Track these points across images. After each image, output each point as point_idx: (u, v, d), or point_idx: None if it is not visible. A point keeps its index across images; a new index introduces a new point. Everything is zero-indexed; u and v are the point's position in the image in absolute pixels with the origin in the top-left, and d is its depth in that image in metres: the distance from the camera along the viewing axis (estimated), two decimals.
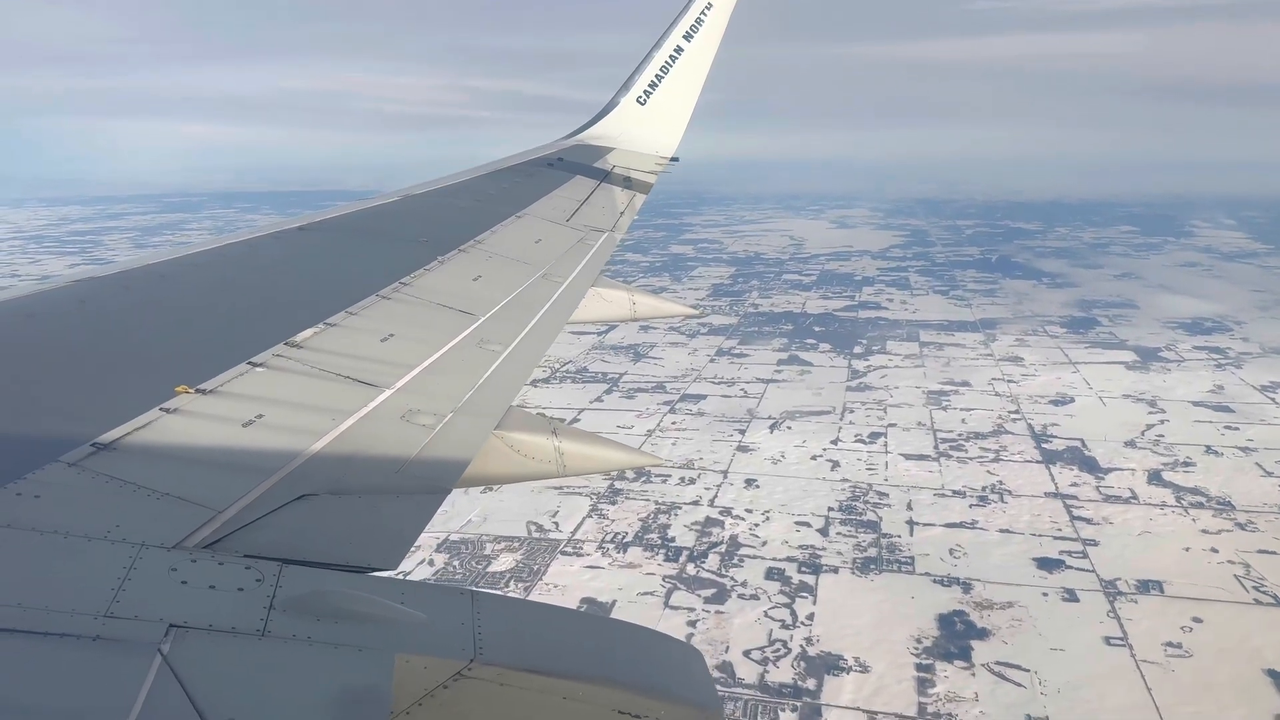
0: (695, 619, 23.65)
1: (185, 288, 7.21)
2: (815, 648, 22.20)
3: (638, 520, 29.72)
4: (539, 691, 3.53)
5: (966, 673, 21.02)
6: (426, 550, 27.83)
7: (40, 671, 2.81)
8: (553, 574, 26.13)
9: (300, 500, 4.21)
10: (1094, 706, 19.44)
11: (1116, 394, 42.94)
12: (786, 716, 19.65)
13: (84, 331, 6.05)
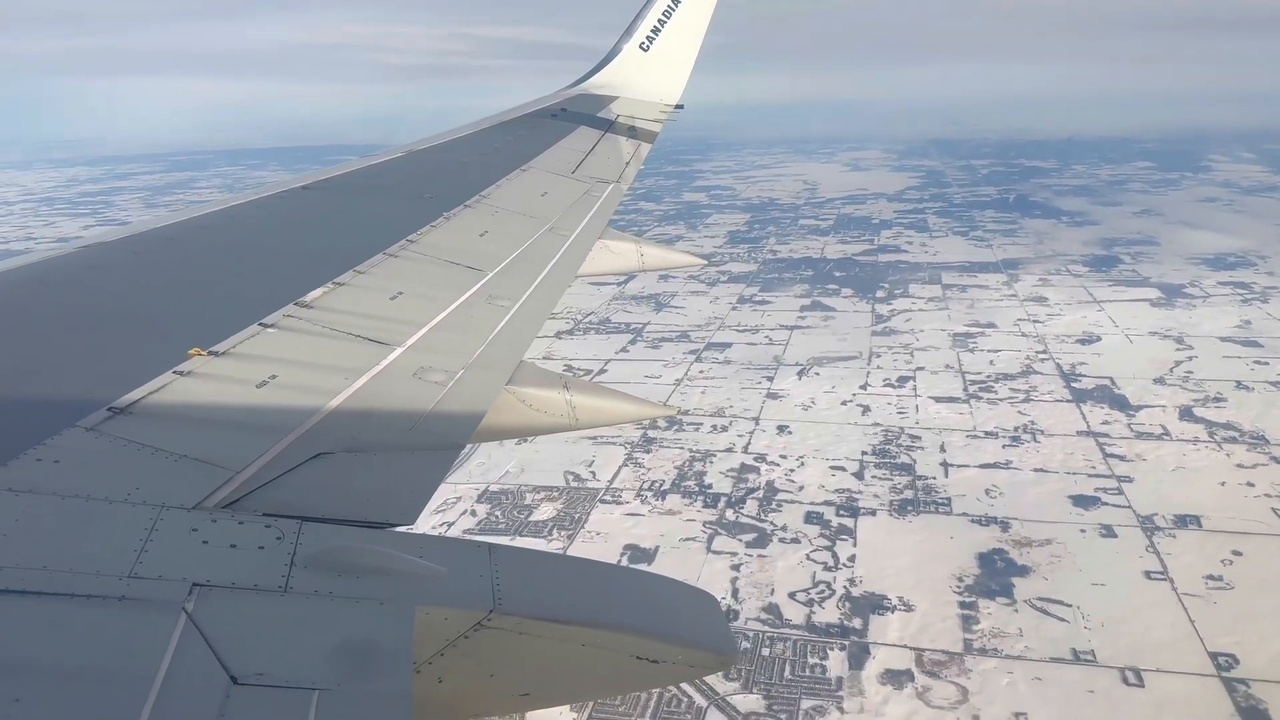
0: (738, 563, 24.01)
1: (193, 250, 7.24)
2: (859, 588, 22.55)
3: (673, 468, 30.02)
4: (558, 639, 3.63)
5: (1009, 609, 21.35)
6: (468, 501, 28.22)
7: (68, 632, 2.94)
8: (594, 522, 26.48)
9: (317, 459, 4.27)
10: (1137, 639, 19.76)
11: (1143, 331, 42.86)
12: (835, 655, 20.02)
13: (95, 296, 6.10)
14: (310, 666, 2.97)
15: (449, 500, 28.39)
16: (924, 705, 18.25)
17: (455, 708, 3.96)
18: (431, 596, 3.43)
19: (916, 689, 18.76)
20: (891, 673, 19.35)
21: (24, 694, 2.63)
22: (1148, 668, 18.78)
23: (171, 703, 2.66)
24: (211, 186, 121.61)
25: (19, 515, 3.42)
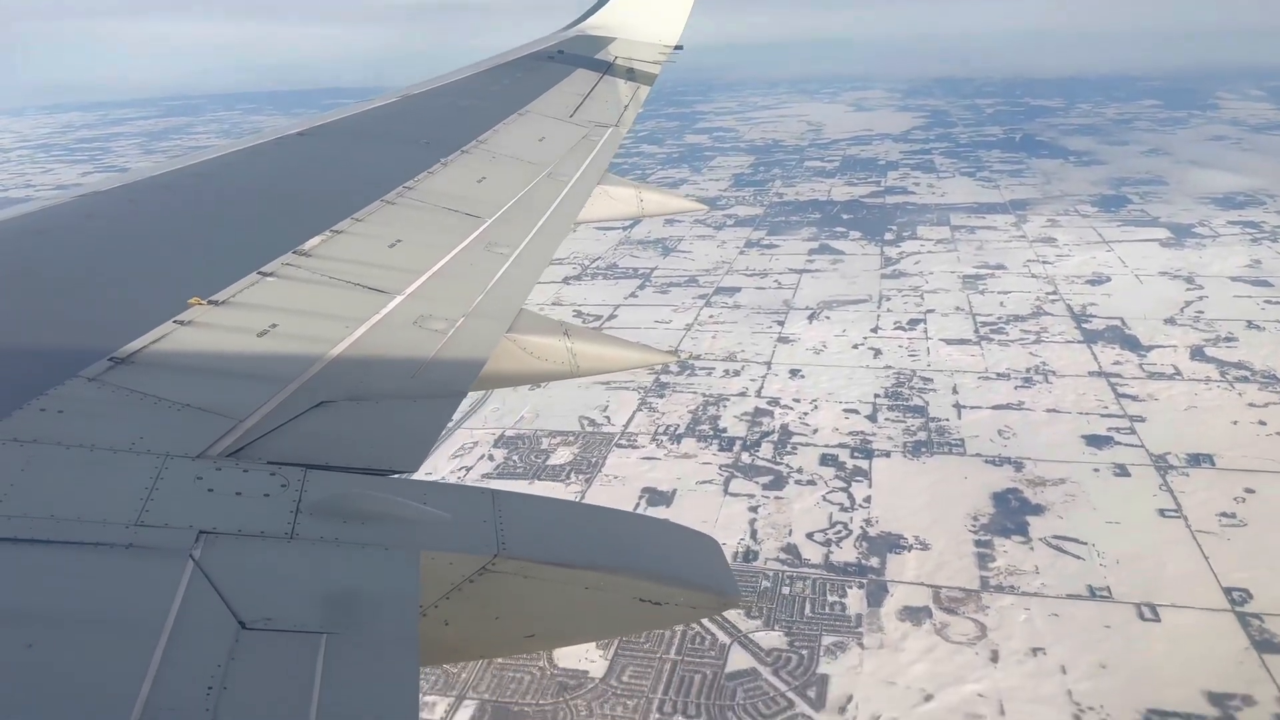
0: (756, 505, 24.28)
1: (190, 199, 7.18)
2: (875, 528, 22.83)
3: (687, 412, 30.20)
4: (561, 583, 3.73)
5: (1025, 547, 21.65)
6: (485, 446, 28.45)
7: (77, 580, 2.99)
8: (611, 466, 26.72)
9: (319, 407, 4.32)
10: (1152, 575, 20.07)
11: (1152, 272, 42.78)
12: (854, 593, 20.35)
13: (93, 247, 6.07)
14: (318, 611, 3.04)
15: (466, 445, 28.63)
16: (943, 641, 18.61)
17: (461, 650, 4.04)
18: (436, 542, 3.48)
19: (935, 625, 19.12)
20: (910, 609, 19.70)
21: (36, 640, 2.68)
22: (1163, 603, 19.12)
23: (181, 648, 2.72)
24: (208, 132, 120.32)
25: (25, 465, 3.46)
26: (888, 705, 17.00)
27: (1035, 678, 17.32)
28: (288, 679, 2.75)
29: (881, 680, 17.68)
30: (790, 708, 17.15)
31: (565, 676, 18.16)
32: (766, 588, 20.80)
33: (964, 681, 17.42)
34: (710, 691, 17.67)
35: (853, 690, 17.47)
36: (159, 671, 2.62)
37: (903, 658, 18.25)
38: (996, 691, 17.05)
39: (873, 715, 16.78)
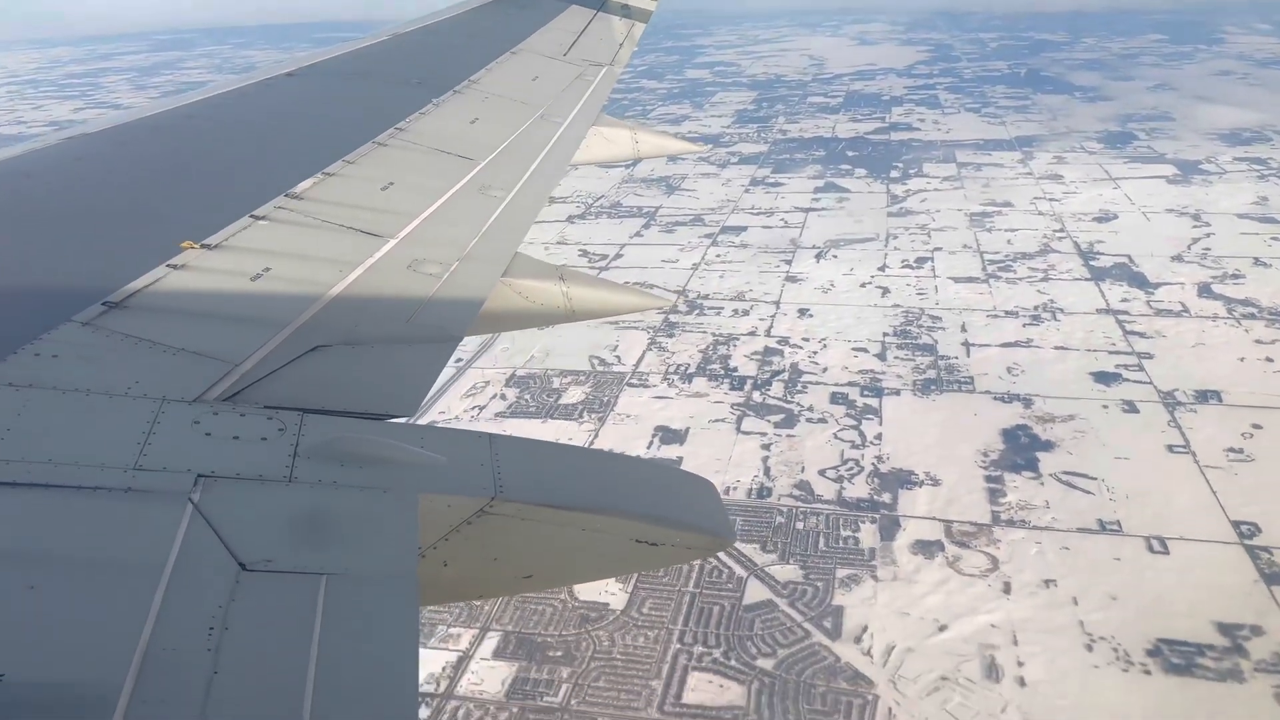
0: (768, 443, 24.52)
1: (179, 140, 7.08)
2: (886, 465, 23.11)
3: (697, 352, 30.33)
4: (558, 525, 3.81)
5: (1035, 483, 21.95)
6: (496, 386, 28.60)
7: (77, 523, 3.02)
8: (623, 405, 26.91)
9: (314, 352, 4.34)
10: (1161, 510, 20.40)
11: (1159, 209, 42.63)
12: (867, 528, 20.68)
13: (83, 190, 5.99)
14: (317, 553, 3.08)
15: (478, 385, 28.78)
16: (955, 574, 18.98)
17: (460, 590, 4.14)
18: (434, 485, 3.55)
19: (947, 558, 19.48)
20: (922, 543, 20.05)
21: (38, 582, 2.72)
22: (1172, 536, 19.47)
23: (182, 589, 2.77)
24: (199, 67, 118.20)
25: (21, 410, 3.47)
26: (902, 635, 17.40)
27: (1047, 609, 17.71)
28: (288, 619, 2.79)
29: (896, 611, 18.07)
30: (807, 638, 17.55)
31: (586, 609, 18.54)
32: (781, 523, 21.12)
33: (977, 613, 17.81)
34: (729, 623, 18.07)
35: (867, 621, 17.86)
36: (160, 612, 2.67)
37: (916, 590, 18.63)
38: (1009, 622, 17.45)
39: (888, 645, 17.17)
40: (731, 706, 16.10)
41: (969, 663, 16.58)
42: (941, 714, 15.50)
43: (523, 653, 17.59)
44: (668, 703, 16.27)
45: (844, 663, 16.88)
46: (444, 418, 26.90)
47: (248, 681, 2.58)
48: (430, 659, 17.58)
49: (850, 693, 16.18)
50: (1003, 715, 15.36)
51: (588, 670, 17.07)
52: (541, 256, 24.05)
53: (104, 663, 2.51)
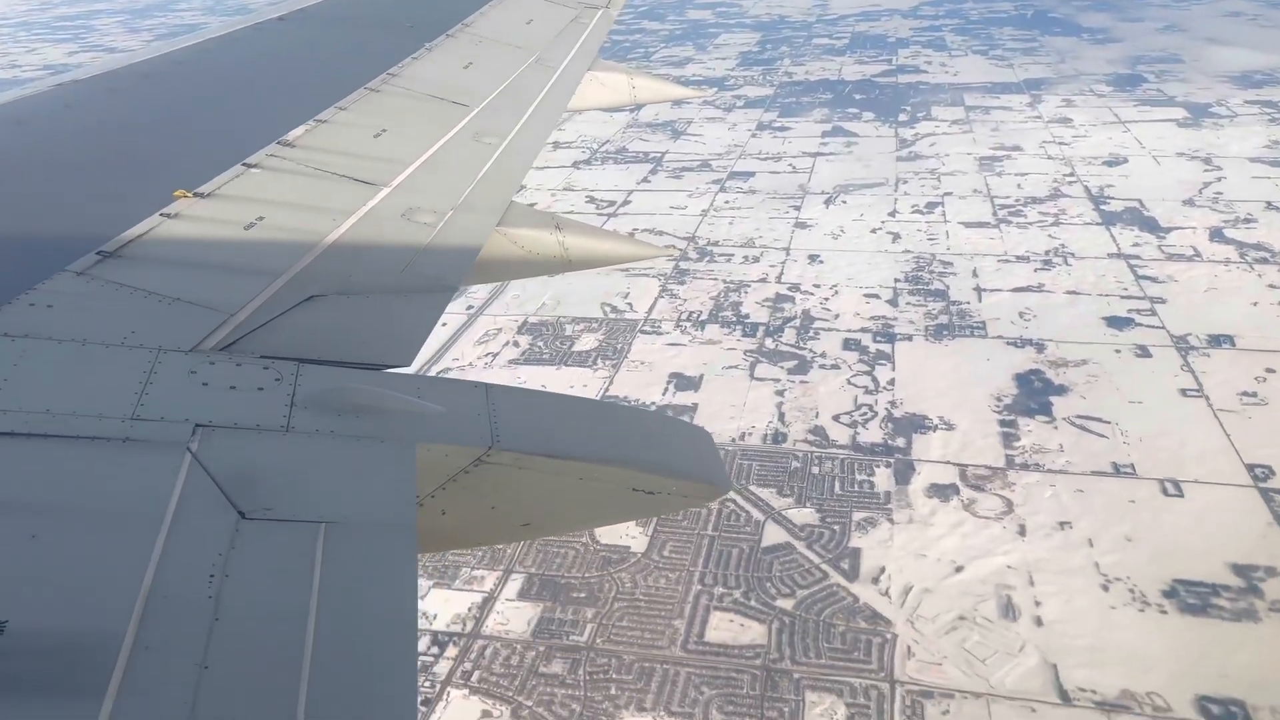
0: (782, 389, 24.65)
1: (170, 87, 7.04)
2: (900, 410, 23.26)
3: (709, 299, 30.33)
4: (555, 474, 3.89)
5: (1049, 426, 22.12)
6: (509, 333, 28.66)
7: (75, 473, 3.06)
8: (636, 352, 27.00)
9: (309, 301, 4.38)
10: (1175, 453, 20.59)
11: (1170, 153, 42.29)
12: (882, 472, 20.88)
13: (73, 138, 5.98)
14: (316, 501, 3.14)
15: (490, 332, 28.83)
16: (970, 516, 19.22)
17: (459, 538, 4.25)
18: (431, 434, 3.62)
19: (962, 501, 19.71)
20: (937, 487, 20.27)
21: (39, 531, 2.77)
22: (1186, 479, 19.68)
23: (182, 537, 2.81)
24: (192, 9, 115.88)
25: (17, 360, 3.48)
26: (919, 576, 17.68)
27: (1063, 550, 17.97)
28: (288, 566, 2.85)
29: (912, 553, 18.33)
30: (825, 579, 17.84)
31: (608, 552, 18.80)
32: (796, 468, 21.32)
33: (993, 554, 18.08)
34: (748, 564, 18.35)
35: (884, 562, 18.13)
36: (161, 560, 2.71)
37: (932, 532, 18.88)
38: (1025, 563, 17.72)
39: (905, 585, 17.46)
40: (753, 645, 16.42)
41: (986, 603, 16.87)
42: (960, 652, 15.82)
43: (547, 594, 17.88)
44: (691, 641, 16.59)
45: (862, 603, 17.17)
46: (457, 364, 26.98)
47: (249, 628, 2.63)
48: (456, 600, 17.89)
49: (869, 631, 16.49)
50: (1020, 653, 15.68)
51: (611, 611, 17.37)
52: (548, 203, 24.42)
53: (106, 610, 2.55)
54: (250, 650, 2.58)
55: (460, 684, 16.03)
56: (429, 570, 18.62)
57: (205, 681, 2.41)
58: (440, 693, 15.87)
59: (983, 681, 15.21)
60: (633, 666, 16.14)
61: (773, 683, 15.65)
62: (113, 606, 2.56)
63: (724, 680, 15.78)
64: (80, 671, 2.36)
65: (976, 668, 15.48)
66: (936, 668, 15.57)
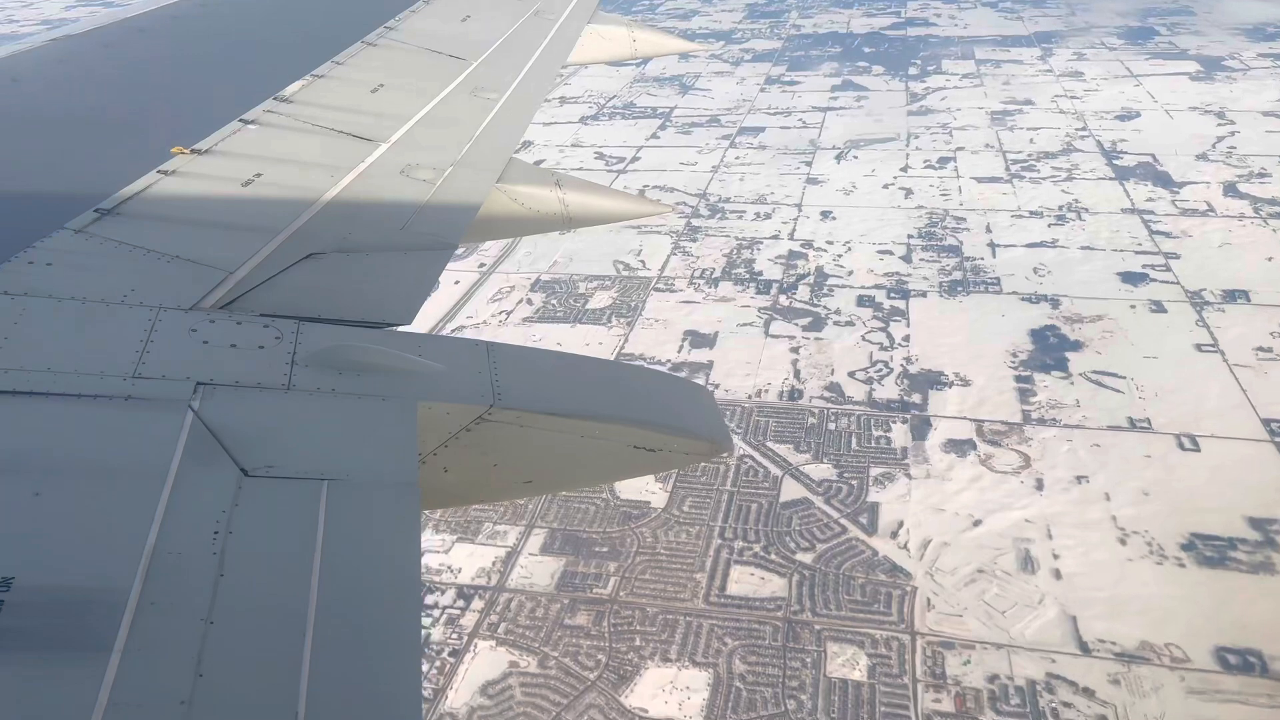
0: (797, 346, 24.71)
1: (166, 42, 6.90)
2: (915, 366, 23.34)
3: (721, 256, 30.28)
4: (557, 431, 3.87)
5: (1065, 382, 22.21)
6: (522, 291, 28.66)
7: (78, 431, 3.08)
8: (650, 309, 27.02)
9: (309, 259, 4.34)
10: (1191, 408, 20.69)
11: (1183, 107, 41.92)
12: (898, 428, 21.01)
13: (69, 94, 5.88)
14: (318, 459, 3.16)
15: (503, 290, 28.83)
16: (988, 471, 19.38)
17: (461, 495, 4.24)
18: (432, 393, 3.61)
19: (979, 456, 19.85)
20: (954, 442, 20.41)
21: (44, 489, 2.79)
22: (1202, 434, 19.80)
23: (185, 495, 2.82)
24: None
25: (18, 318, 3.47)
26: (937, 530, 17.87)
27: (1080, 504, 18.14)
28: (292, 524, 2.86)
29: (930, 507, 18.51)
30: (844, 533, 18.03)
31: (628, 507, 18.99)
32: (813, 424, 21.45)
33: (1010, 508, 18.25)
34: (767, 519, 18.54)
35: (903, 517, 18.32)
36: (165, 517, 2.72)
37: (949, 487, 19.04)
38: (1043, 517, 17.90)
39: (924, 539, 17.65)
40: (774, 598, 16.65)
41: (1004, 556, 17.07)
42: (979, 604, 16.05)
43: (569, 548, 18.09)
44: (713, 594, 16.82)
45: (881, 556, 17.38)
46: (471, 322, 27.04)
47: (254, 584, 2.64)
48: (480, 554, 18.11)
49: (889, 584, 16.71)
50: (1040, 606, 15.91)
51: (634, 564, 17.60)
52: (556, 159, 24.39)
53: (111, 566, 2.56)
54: (255, 606, 2.59)
55: (487, 635, 16.29)
56: (452, 525, 18.83)
57: (211, 637, 2.42)
58: (468, 644, 16.14)
59: (1003, 633, 15.45)
60: (656, 619, 16.39)
61: (794, 634, 15.90)
62: (118, 563, 2.56)
63: (746, 632, 16.03)
64: (87, 627, 2.37)
65: (996, 619, 15.71)
66: (957, 619, 15.80)
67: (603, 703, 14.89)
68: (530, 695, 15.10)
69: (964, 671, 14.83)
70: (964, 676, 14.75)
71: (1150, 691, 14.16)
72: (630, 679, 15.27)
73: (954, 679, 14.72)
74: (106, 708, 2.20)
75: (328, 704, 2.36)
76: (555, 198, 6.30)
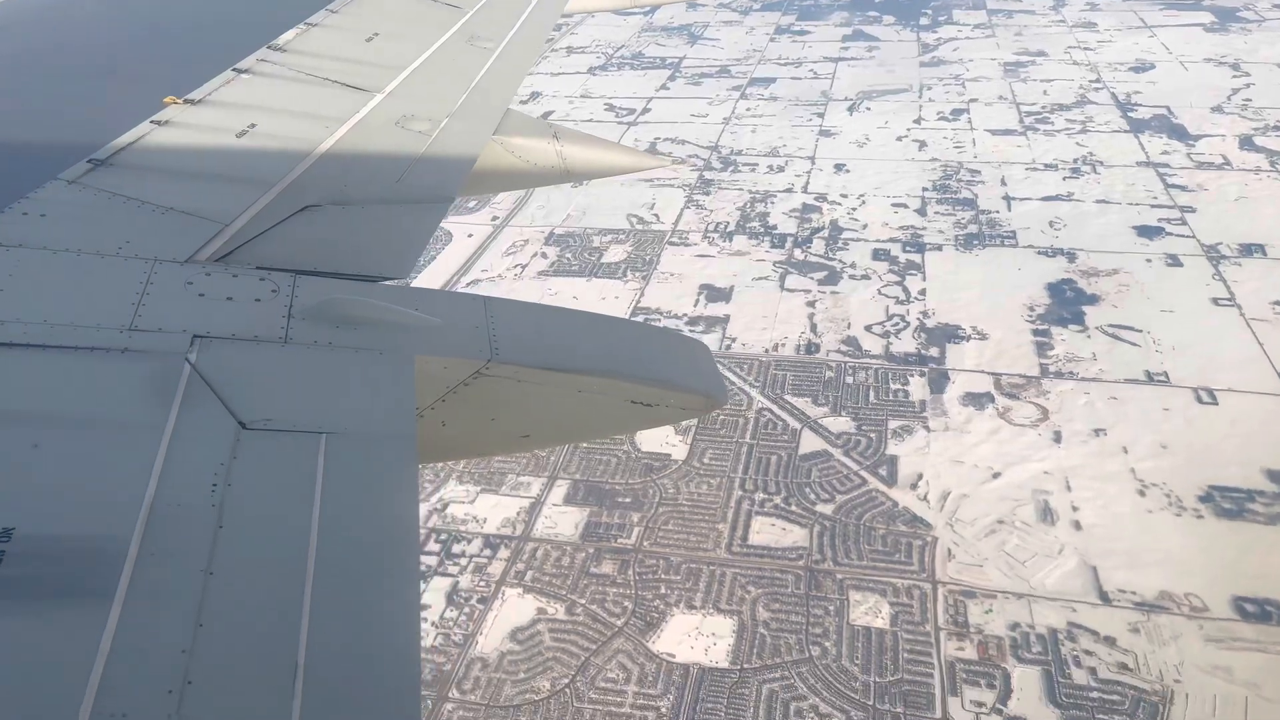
0: (813, 299, 24.75)
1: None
2: (932, 320, 23.40)
3: (735, 209, 30.17)
4: (554, 386, 3.87)
5: (1081, 335, 22.29)
6: (536, 244, 28.61)
7: (76, 383, 3.07)
8: (666, 263, 27.00)
9: (304, 212, 4.30)
10: (1208, 361, 20.80)
11: (1197, 58, 41.50)
12: (916, 381, 21.12)
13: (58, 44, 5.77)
14: (316, 412, 3.16)
15: (517, 243, 28.77)
16: (1006, 424, 19.53)
17: (459, 448, 4.24)
18: (430, 347, 3.62)
19: (998, 409, 20.00)
20: (972, 395, 20.54)
21: (42, 441, 2.79)
22: (1219, 387, 19.93)
23: (184, 446, 2.84)
24: None
25: (12, 270, 3.45)
26: (957, 482, 18.06)
27: (1099, 457, 18.32)
28: (290, 476, 2.86)
29: (949, 460, 18.68)
30: (864, 484, 18.22)
31: (650, 459, 19.17)
32: (830, 378, 21.55)
33: (1029, 460, 18.43)
34: (787, 471, 18.73)
35: (922, 469, 18.50)
36: (163, 469, 2.73)
37: (968, 439, 19.20)
38: (1061, 469, 18.08)
39: (943, 491, 17.85)
40: (795, 547, 16.88)
41: (1024, 507, 17.28)
42: (1000, 555, 16.28)
43: (592, 499, 18.29)
44: (735, 544, 17.05)
45: (901, 507, 17.59)
46: (486, 275, 27.03)
47: (252, 536, 2.65)
48: (504, 505, 18.32)
49: (909, 534, 16.94)
50: (1060, 556, 16.14)
51: (656, 515, 17.81)
52: (565, 110, 24.15)
53: (111, 518, 2.57)
54: (254, 558, 2.59)
55: (514, 583, 16.54)
56: (476, 476, 19.02)
57: (211, 587, 2.43)
58: (496, 591, 16.40)
59: (1023, 583, 15.70)
60: (680, 567, 16.63)
61: (816, 583, 16.15)
62: (117, 515, 2.56)
63: (769, 580, 16.27)
64: (87, 577, 2.38)
65: (1017, 569, 15.95)
66: (977, 569, 16.05)
67: (630, 648, 15.17)
68: (559, 641, 15.38)
69: (986, 620, 15.10)
70: (986, 625, 15.02)
71: (1170, 640, 14.44)
72: (657, 625, 15.54)
73: (976, 627, 14.99)
74: (108, 656, 2.21)
75: (327, 653, 2.37)
76: (553, 150, 6.20)
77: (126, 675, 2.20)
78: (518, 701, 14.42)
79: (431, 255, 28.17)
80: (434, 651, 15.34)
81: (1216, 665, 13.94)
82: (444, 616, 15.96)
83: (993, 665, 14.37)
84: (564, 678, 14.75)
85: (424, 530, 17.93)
